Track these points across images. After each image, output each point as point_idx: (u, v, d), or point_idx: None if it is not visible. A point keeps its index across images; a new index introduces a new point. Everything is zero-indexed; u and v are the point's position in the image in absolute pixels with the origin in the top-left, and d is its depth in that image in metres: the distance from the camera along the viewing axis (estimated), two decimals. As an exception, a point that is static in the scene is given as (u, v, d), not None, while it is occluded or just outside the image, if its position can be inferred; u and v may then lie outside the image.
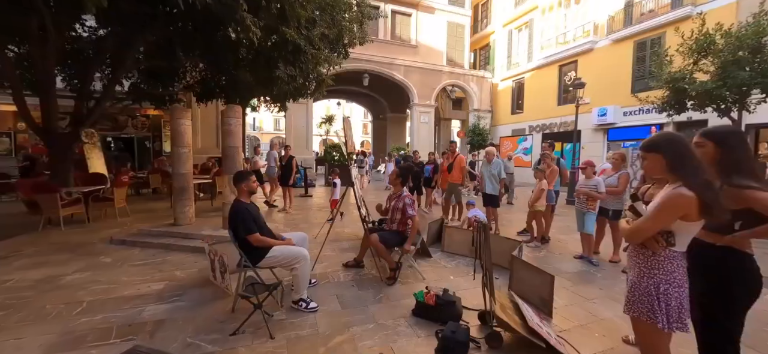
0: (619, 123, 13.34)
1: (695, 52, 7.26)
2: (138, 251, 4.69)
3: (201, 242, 4.80)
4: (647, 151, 1.75)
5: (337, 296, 3.32)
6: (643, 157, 1.80)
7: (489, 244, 2.48)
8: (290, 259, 2.87)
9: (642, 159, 1.81)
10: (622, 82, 13.09)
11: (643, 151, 1.78)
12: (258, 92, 9.51)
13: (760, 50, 6.62)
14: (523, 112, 18.31)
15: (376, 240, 3.49)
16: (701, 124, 10.86)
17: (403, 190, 3.74)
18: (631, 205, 1.81)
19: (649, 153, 1.74)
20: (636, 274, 1.72)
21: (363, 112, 45.47)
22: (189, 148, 5.57)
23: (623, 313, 1.78)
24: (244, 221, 2.81)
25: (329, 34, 7.51)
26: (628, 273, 1.81)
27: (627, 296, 1.74)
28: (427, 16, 17.45)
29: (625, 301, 1.75)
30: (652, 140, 1.75)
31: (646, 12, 12.41)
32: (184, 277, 3.77)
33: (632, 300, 1.70)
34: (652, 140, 1.75)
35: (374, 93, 20.21)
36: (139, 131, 12.24)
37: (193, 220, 5.66)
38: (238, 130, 5.30)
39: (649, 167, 1.77)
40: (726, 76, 6.68)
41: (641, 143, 1.80)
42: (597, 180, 4.68)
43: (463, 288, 3.60)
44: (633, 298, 1.70)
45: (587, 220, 4.68)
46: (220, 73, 8.16)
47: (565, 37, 15.52)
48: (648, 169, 1.79)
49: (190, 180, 5.64)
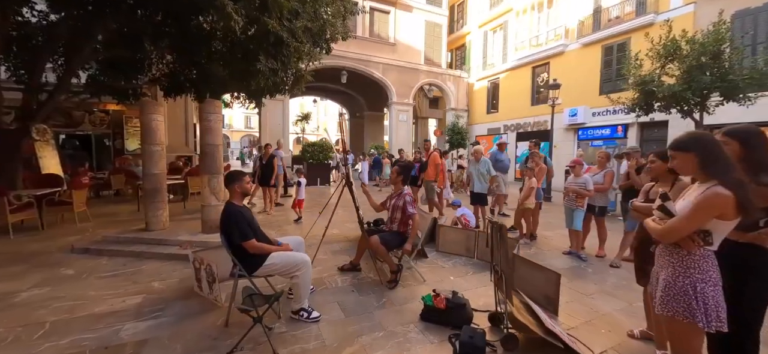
0: (589, 123, 14.01)
1: (662, 56, 7.71)
2: (105, 261, 4.21)
3: (179, 249, 4.41)
4: (678, 150, 1.73)
5: (338, 303, 3.13)
6: (672, 156, 1.78)
7: (505, 244, 2.41)
8: (291, 266, 2.64)
9: (672, 158, 1.80)
10: (591, 84, 13.75)
11: (674, 150, 1.76)
12: (232, 87, 8.99)
13: (719, 56, 7.14)
14: (498, 112, 18.79)
15: (376, 242, 3.33)
16: (663, 125, 11.67)
17: (403, 188, 3.60)
18: (660, 204, 1.78)
19: (679, 152, 1.72)
20: (670, 274, 1.70)
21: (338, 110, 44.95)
22: (162, 146, 5.10)
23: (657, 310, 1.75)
24: (239, 226, 2.55)
25: (312, 28, 7.20)
26: (660, 272, 1.79)
27: (660, 296, 1.71)
28: (405, 15, 17.43)
29: (659, 301, 1.72)
30: (684, 140, 1.73)
31: (613, 18, 13.11)
32: (164, 289, 3.41)
33: (666, 300, 1.68)
34: (684, 140, 1.73)
35: (352, 91, 19.92)
36: (98, 128, 11.19)
37: (167, 225, 5.20)
38: (218, 127, 4.92)
39: (679, 166, 1.76)
40: (690, 80, 7.14)
41: (671, 143, 1.79)
42: (585, 178, 4.80)
43: (465, 288, 3.52)
44: (667, 298, 1.68)
45: (576, 217, 4.79)
46: (190, 65, 7.60)
47: (538, 40, 16.09)
48: (678, 169, 1.78)
49: (164, 181, 5.17)
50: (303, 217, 6.81)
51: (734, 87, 7.06)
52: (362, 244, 3.82)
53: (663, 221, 1.75)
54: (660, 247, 1.83)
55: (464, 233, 4.68)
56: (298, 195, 6.91)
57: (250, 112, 32.80)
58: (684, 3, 10.96)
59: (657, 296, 1.76)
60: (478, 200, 5.97)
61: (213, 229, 4.85)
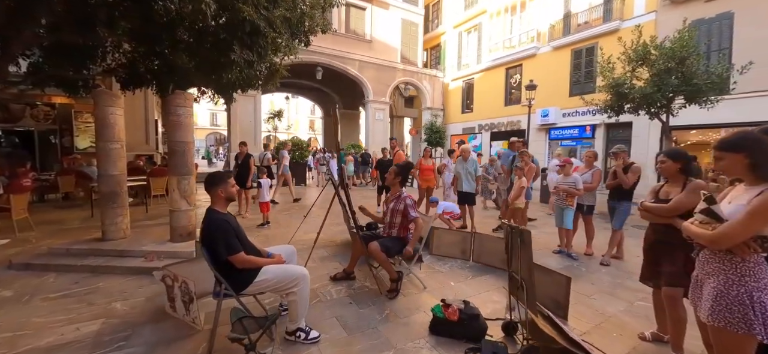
0: (559, 123, 14.56)
1: (633, 60, 8.07)
2: (52, 278, 3.59)
3: (144, 261, 3.88)
4: (727, 150, 1.62)
5: (336, 319, 2.82)
6: (719, 157, 1.68)
7: (529, 251, 2.23)
8: (287, 281, 2.30)
9: (717, 159, 1.69)
10: (561, 86, 14.28)
11: (722, 150, 1.65)
12: (199, 80, 8.25)
13: (684, 62, 7.56)
14: (472, 112, 19.10)
15: (377, 249, 3.05)
16: (627, 126, 12.33)
17: (402, 190, 3.35)
18: (706, 208, 1.66)
19: (728, 153, 1.62)
20: (722, 282, 1.58)
21: (310, 108, 43.85)
22: (121, 144, 4.48)
23: (707, 320, 1.62)
24: (226, 237, 2.17)
25: (291, 18, 6.75)
26: (706, 280, 1.68)
27: (711, 306, 1.59)
28: (381, 12, 17.18)
29: (709, 311, 1.60)
30: (733, 140, 1.63)
31: (582, 23, 13.68)
32: (128, 311, 2.91)
33: (719, 309, 1.56)
34: (733, 140, 1.63)
35: (326, 88, 19.38)
36: (41, 123, 9.89)
37: (129, 233, 4.58)
38: (189, 122, 4.41)
39: (727, 167, 1.65)
40: (660, 83, 7.52)
41: (719, 142, 1.68)
42: (575, 177, 4.81)
43: (468, 295, 3.33)
44: (720, 308, 1.56)
45: (566, 216, 4.79)
46: (152, 55, 6.85)
47: (511, 42, 16.50)
48: (726, 170, 1.67)
49: (124, 183, 4.55)
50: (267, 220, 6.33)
51: (697, 90, 7.51)
52: (356, 251, 3.52)
53: (709, 226, 1.64)
54: (706, 252, 1.72)
55: (460, 235, 4.52)
56: (260, 197, 6.37)
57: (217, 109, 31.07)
58: (647, 11, 11.62)
59: (705, 306, 1.64)
60: (467, 200, 5.86)
61: (183, 237, 4.35)
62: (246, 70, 6.68)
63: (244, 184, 6.97)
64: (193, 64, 6.67)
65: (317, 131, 42.75)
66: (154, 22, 5.36)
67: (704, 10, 10.39)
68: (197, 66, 6.72)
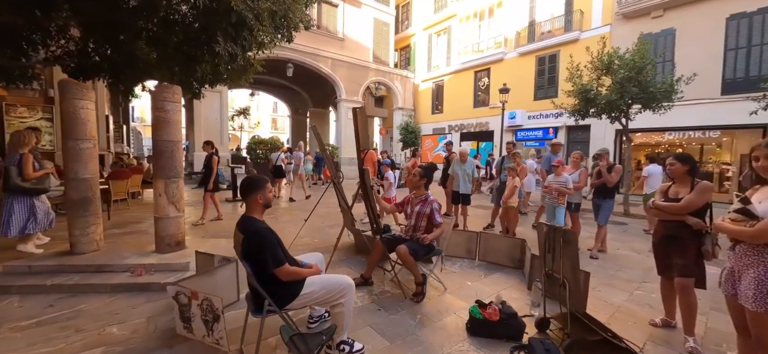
0: (525, 125, 15.43)
1: (599, 69, 8.77)
2: (16, 302, 3.02)
3: (130, 276, 3.43)
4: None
5: (371, 327, 2.70)
6: (757, 157, 1.84)
7: (574, 251, 2.29)
8: (335, 292, 2.14)
9: (755, 159, 1.86)
10: (526, 90, 15.15)
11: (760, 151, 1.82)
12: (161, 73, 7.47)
13: (641, 71, 8.37)
14: (442, 113, 19.59)
15: (406, 252, 2.97)
16: (586, 128, 13.38)
17: (428, 193, 3.30)
18: (742, 208, 1.83)
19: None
20: (762, 272, 1.75)
21: (272, 106, 42.13)
22: (93, 143, 3.92)
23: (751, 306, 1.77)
24: (273, 249, 1.96)
25: (278, 11, 6.39)
26: (745, 271, 1.84)
27: (754, 294, 1.76)
28: (353, 10, 16.97)
29: (752, 299, 1.77)
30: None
31: (545, 32, 14.62)
32: (130, 336, 2.54)
33: (761, 296, 1.74)
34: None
35: (296, 86, 18.73)
36: (-38, 118, 8.38)
37: (102, 244, 4.02)
38: (177, 118, 3.97)
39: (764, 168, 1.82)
40: (622, 91, 8.25)
41: (765, 143, 1.84)
42: (566, 177, 5.10)
43: (488, 294, 3.38)
44: (761, 294, 1.74)
45: (558, 213, 5.06)
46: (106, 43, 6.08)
47: (479, 47, 17.17)
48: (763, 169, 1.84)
49: (96, 188, 3.98)
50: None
51: (652, 98, 8.36)
52: (375, 255, 3.41)
53: (745, 223, 1.81)
54: (743, 246, 1.88)
55: (465, 235, 4.58)
56: None
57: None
58: (603, 23, 12.73)
59: (748, 294, 1.80)
60: (463, 200, 5.97)
61: (172, 246, 3.92)
62: (227, 64, 6.22)
63: (205, 187, 6.45)
64: (155, 55, 6.08)
65: (281, 129, 41.21)
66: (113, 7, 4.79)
67: (651, 26, 11.61)
68: (160, 57, 6.14)
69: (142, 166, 8.98)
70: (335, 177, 4.40)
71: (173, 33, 5.68)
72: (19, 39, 5.81)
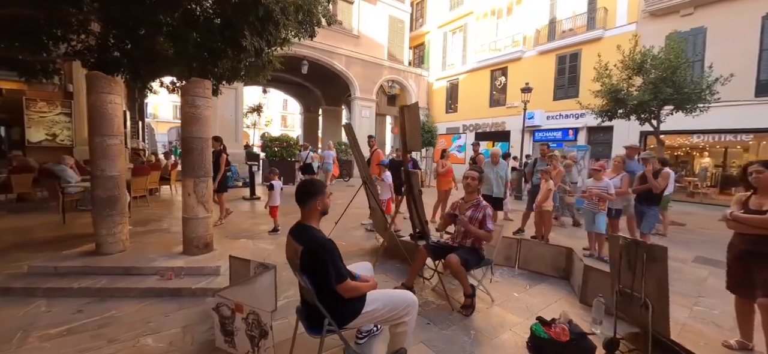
0: (544, 126, 15.04)
1: (630, 68, 8.42)
2: (44, 306, 2.87)
3: (159, 279, 3.25)
4: None
5: (424, 343, 2.48)
6: None
7: (663, 269, 2.04)
8: (399, 310, 1.92)
9: None
10: (545, 90, 14.75)
11: None
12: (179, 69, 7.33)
13: (676, 71, 8.00)
14: (456, 112, 19.26)
15: (457, 262, 2.74)
16: (608, 130, 12.96)
17: (479, 198, 3.06)
18: None
19: None
20: None
21: (282, 103, 42.14)
22: (121, 139, 3.77)
23: None
24: (336, 262, 1.75)
25: (303, 5, 6.20)
26: None
27: None
28: (369, 7, 16.74)
29: None
30: None
31: (567, 30, 14.21)
32: (167, 348, 2.35)
33: None
34: None
35: (309, 83, 18.58)
36: (-17, 112, 8.38)
37: (128, 245, 3.87)
38: (207, 115, 3.79)
39: None
40: (656, 91, 7.89)
41: None
42: (607, 181, 4.83)
43: (539, 307, 3.15)
44: None
45: (599, 220, 4.78)
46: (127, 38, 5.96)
47: (497, 45, 16.80)
48: None
49: (123, 186, 3.83)
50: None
51: (687, 99, 7.98)
52: (419, 263, 3.19)
53: None
54: None
55: (505, 241, 4.32)
56: (271, 200, 5.81)
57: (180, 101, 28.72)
58: (628, 21, 12.30)
59: None
60: (495, 205, 5.70)
61: (200, 248, 3.76)
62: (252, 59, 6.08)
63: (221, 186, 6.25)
64: (172, 50, 5.96)
65: (290, 127, 41.21)
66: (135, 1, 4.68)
67: (680, 24, 11.16)
68: (178, 53, 6.02)
69: (160, 163, 8.88)
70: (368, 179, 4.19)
71: (194, 28, 5.57)
72: (41, 33, 5.73)
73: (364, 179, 4.05)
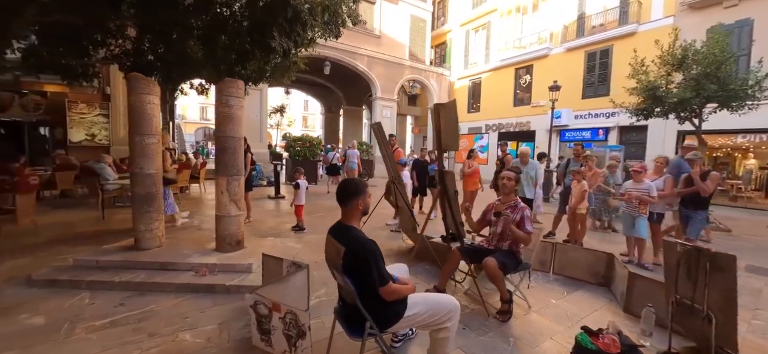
0: (571, 125, 14.50)
1: (670, 64, 7.94)
2: (87, 298, 2.99)
3: (194, 276, 3.32)
4: None
5: (461, 350, 2.39)
6: None
7: (731, 280, 1.86)
8: (441, 315, 1.85)
9: None
10: (574, 88, 14.20)
11: None
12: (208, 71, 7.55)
13: (721, 66, 7.47)
14: (479, 112, 18.90)
15: (494, 266, 2.63)
16: (642, 129, 12.31)
17: (517, 199, 2.94)
18: None
19: None
20: None
21: (303, 104, 42.84)
22: (158, 138, 3.89)
23: None
24: (379, 264, 1.70)
25: (330, 6, 6.22)
26: None
27: None
28: (390, 6, 16.71)
29: None
30: None
31: (597, 25, 13.63)
32: (205, 345, 2.38)
33: None
34: None
35: (331, 83, 18.75)
36: (30, 114, 8.94)
37: (164, 241, 3.99)
38: (240, 114, 3.84)
39: None
40: (699, 88, 7.40)
41: None
42: (648, 184, 4.54)
43: (578, 316, 2.99)
44: None
45: (640, 224, 4.51)
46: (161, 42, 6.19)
47: (521, 42, 16.35)
48: None
49: (160, 183, 3.95)
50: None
51: (733, 96, 7.44)
52: (451, 266, 3.10)
53: None
54: None
55: (539, 245, 4.14)
56: (297, 199, 5.85)
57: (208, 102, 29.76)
58: (665, 15, 11.64)
59: None
60: (525, 205, 5.51)
61: (232, 245, 3.81)
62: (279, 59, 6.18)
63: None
64: (202, 52, 6.13)
65: (311, 127, 41.82)
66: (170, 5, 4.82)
67: (723, 16, 10.46)
68: (207, 55, 6.19)
69: (190, 162, 9.18)
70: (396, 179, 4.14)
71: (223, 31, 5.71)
72: (82, 38, 6.02)
73: (392, 179, 3.99)
